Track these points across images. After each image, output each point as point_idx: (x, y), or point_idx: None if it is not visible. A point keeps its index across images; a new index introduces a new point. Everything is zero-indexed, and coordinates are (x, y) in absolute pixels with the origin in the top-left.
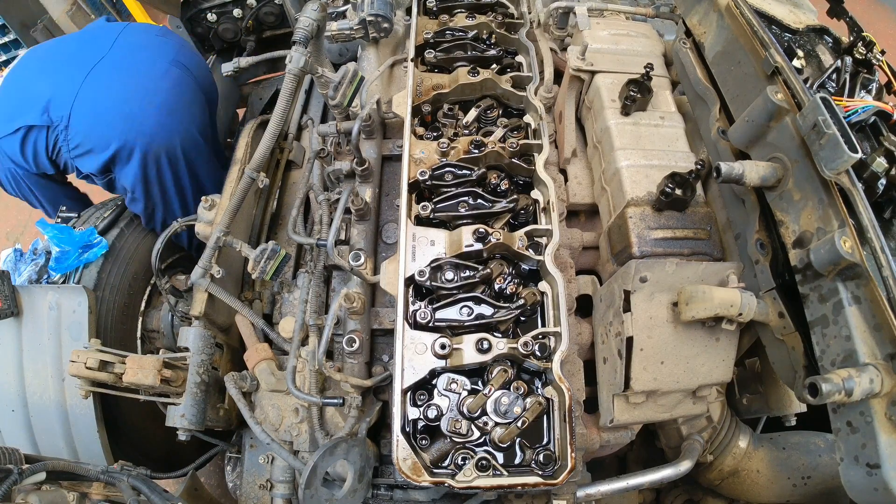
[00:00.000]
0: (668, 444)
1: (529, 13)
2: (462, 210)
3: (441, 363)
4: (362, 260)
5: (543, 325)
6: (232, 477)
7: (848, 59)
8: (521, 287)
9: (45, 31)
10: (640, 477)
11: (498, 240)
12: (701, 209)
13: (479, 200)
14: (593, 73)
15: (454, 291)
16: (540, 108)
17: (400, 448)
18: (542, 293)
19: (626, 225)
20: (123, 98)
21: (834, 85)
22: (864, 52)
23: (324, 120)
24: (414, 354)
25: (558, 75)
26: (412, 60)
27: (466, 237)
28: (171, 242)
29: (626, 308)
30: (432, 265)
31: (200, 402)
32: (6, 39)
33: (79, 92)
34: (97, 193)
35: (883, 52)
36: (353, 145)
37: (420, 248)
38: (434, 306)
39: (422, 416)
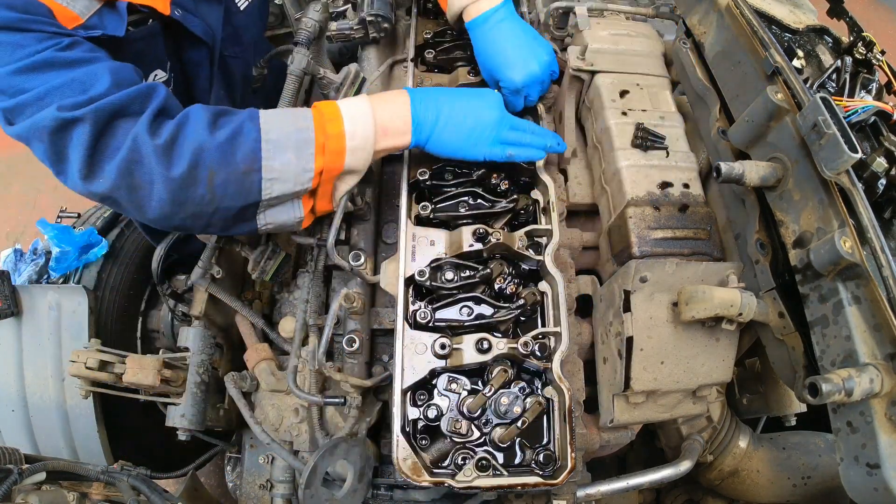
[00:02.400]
0: (668, 444)
1: (529, 13)
2: (462, 210)
3: (441, 363)
4: (362, 260)
5: (543, 325)
6: (232, 477)
7: (848, 59)
8: (521, 287)
9: None
10: (640, 477)
11: (498, 240)
12: (701, 209)
13: (479, 200)
14: (593, 73)
15: (454, 291)
16: (540, 108)
17: (400, 448)
18: (542, 293)
19: (626, 225)
20: None
21: (834, 85)
22: (864, 52)
23: None
24: (414, 354)
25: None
26: (412, 60)
27: (466, 237)
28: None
29: (626, 308)
30: (432, 265)
31: (200, 402)
32: None
33: None
34: None
35: (883, 52)
36: None
37: (420, 248)
38: (434, 306)
39: (422, 416)
